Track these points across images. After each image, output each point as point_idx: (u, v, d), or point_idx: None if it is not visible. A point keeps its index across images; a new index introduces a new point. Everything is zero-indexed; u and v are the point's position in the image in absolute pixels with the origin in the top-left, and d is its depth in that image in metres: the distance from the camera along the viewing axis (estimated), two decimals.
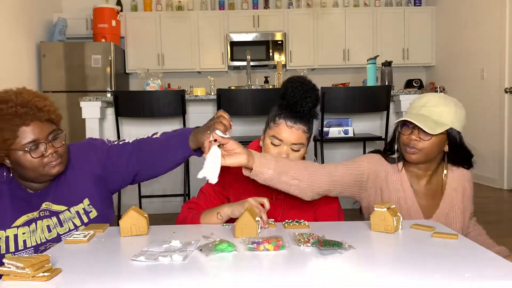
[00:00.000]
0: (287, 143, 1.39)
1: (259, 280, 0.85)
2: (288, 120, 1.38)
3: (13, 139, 1.22)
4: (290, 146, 1.39)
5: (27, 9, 4.99)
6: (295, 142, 1.39)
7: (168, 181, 3.60)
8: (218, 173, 1.20)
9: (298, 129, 1.38)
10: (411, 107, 1.48)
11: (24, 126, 1.22)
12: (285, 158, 1.36)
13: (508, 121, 4.45)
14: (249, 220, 1.14)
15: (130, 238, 1.16)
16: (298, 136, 1.39)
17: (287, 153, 1.39)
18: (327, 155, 3.48)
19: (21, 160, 1.24)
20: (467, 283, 0.81)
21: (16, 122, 1.21)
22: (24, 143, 1.23)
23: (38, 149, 1.25)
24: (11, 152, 1.23)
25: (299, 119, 1.38)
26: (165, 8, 6.08)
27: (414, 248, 1.04)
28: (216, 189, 1.48)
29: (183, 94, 3.12)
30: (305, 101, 1.37)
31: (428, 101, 1.41)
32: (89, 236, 1.14)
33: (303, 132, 1.39)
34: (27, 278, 0.83)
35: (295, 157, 1.40)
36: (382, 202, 1.21)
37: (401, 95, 3.46)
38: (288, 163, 1.32)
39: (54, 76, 5.15)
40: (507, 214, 3.50)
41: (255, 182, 1.45)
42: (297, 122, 1.38)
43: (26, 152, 1.23)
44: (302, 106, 1.37)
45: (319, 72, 6.17)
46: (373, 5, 6.18)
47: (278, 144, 1.39)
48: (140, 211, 1.20)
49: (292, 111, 1.38)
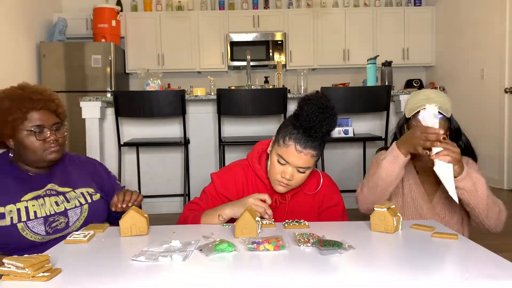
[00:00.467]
0: (293, 166, 1.34)
1: (259, 280, 0.85)
2: (298, 144, 1.31)
3: (22, 120, 1.36)
4: (296, 168, 1.35)
5: (27, 9, 4.99)
6: (302, 166, 1.34)
7: (168, 181, 3.60)
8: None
9: (307, 154, 1.32)
10: (412, 102, 1.54)
11: (34, 111, 1.37)
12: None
13: (508, 121, 4.44)
14: (249, 220, 1.14)
15: (130, 238, 1.16)
16: (306, 161, 1.33)
17: (292, 175, 1.35)
18: (327, 155, 3.48)
19: (24, 141, 1.37)
20: (467, 283, 0.81)
21: (28, 105, 1.36)
22: (31, 125, 1.37)
23: (42, 133, 1.38)
24: (17, 132, 1.36)
25: (310, 145, 1.31)
26: (165, 8, 6.08)
27: (414, 248, 1.04)
28: (219, 190, 1.47)
29: (183, 94, 3.12)
30: (321, 128, 1.29)
31: (428, 95, 1.52)
32: (89, 236, 1.14)
33: (311, 157, 1.33)
34: (27, 278, 0.83)
35: (299, 177, 1.37)
36: (382, 202, 1.21)
37: (401, 95, 3.46)
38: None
39: (54, 76, 5.15)
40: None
41: (259, 185, 1.45)
42: (307, 148, 1.31)
43: (31, 133, 1.36)
44: (317, 132, 1.29)
45: (319, 72, 6.17)
46: (373, 5, 6.18)
47: (284, 163, 1.35)
48: (140, 211, 1.21)
49: (305, 135, 1.31)
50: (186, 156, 3.34)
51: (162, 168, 3.60)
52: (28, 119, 1.36)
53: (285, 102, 3.15)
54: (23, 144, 1.37)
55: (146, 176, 3.54)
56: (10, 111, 1.35)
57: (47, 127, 1.39)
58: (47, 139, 1.38)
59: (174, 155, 3.60)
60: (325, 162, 3.33)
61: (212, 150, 3.61)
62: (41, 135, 1.38)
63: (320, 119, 1.27)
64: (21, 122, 1.36)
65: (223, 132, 3.43)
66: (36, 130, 1.37)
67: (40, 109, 1.38)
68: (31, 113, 1.37)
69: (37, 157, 1.38)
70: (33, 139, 1.37)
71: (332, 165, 3.53)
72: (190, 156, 3.55)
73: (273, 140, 1.43)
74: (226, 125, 3.55)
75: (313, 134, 1.29)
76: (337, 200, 1.51)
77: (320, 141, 1.33)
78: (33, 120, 1.37)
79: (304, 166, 1.34)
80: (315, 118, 1.27)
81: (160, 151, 3.59)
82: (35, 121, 1.37)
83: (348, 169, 3.62)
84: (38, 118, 1.38)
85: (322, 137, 1.32)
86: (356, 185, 1.59)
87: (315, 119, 1.27)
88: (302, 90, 4.00)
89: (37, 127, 1.37)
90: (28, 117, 1.36)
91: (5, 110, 1.35)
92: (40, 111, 1.38)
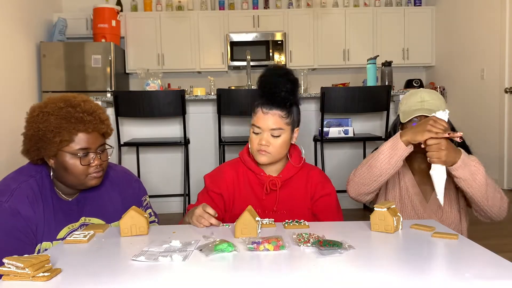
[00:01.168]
0: (265, 130, 1.42)
1: (259, 280, 0.85)
2: (263, 107, 1.42)
3: (69, 142, 1.26)
4: (269, 132, 1.42)
5: (27, 9, 4.99)
6: (273, 127, 1.41)
7: (168, 181, 3.60)
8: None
9: (274, 114, 1.41)
10: (407, 104, 1.54)
11: (84, 133, 1.27)
12: None
13: (508, 121, 4.44)
14: (249, 220, 1.14)
15: (130, 238, 1.16)
16: (275, 121, 1.41)
17: (267, 140, 1.42)
18: (327, 155, 3.48)
19: (67, 163, 1.27)
20: (467, 283, 0.81)
21: (79, 127, 1.26)
22: (77, 148, 1.26)
23: (87, 157, 1.29)
24: (60, 153, 1.26)
25: (275, 105, 1.41)
26: (165, 8, 6.08)
27: (414, 248, 1.04)
28: (210, 188, 1.51)
29: (183, 94, 3.12)
30: (279, 87, 1.39)
31: (424, 97, 1.51)
32: (89, 236, 1.14)
33: (280, 117, 1.41)
34: (27, 278, 0.83)
35: (276, 143, 1.42)
36: (382, 202, 1.21)
37: (401, 95, 3.46)
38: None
39: (54, 76, 5.15)
40: (507, 214, 3.49)
41: (250, 177, 1.49)
42: (272, 108, 1.41)
43: (77, 157, 1.27)
44: (276, 92, 1.39)
45: (319, 72, 6.17)
46: (373, 5, 6.18)
47: (258, 132, 1.43)
48: (140, 211, 1.20)
49: (268, 98, 1.42)
50: (186, 156, 3.35)
51: (162, 168, 3.60)
52: (75, 141, 1.26)
53: None
54: (65, 166, 1.27)
55: (146, 176, 3.54)
56: (58, 131, 1.24)
57: (92, 151, 1.29)
58: (91, 164, 1.28)
59: (174, 155, 3.60)
60: (325, 162, 3.33)
61: (212, 150, 3.61)
62: (85, 159, 1.28)
63: (276, 78, 1.40)
64: (67, 143, 1.25)
65: (223, 132, 3.43)
66: (81, 154, 1.26)
67: (90, 132, 1.27)
68: (80, 134, 1.26)
69: (78, 181, 1.29)
70: (77, 162, 1.26)
71: (332, 165, 3.53)
72: (190, 156, 3.55)
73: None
74: (226, 125, 3.55)
75: (275, 95, 1.40)
76: (329, 190, 1.53)
77: (284, 101, 1.41)
78: (80, 142, 1.26)
79: (275, 127, 1.41)
80: (271, 80, 1.41)
81: (160, 151, 3.59)
82: (82, 144, 1.26)
83: (348, 169, 3.61)
84: (85, 141, 1.27)
85: (285, 98, 1.40)
86: None
87: (271, 80, 1.41)
88: (302, 90, 4.00)
89: (83, 150, 1.27)
90: (75, 139, 1.26)
91: (51, 130, 1.24)
92: (89, 133, 1.27)
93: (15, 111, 4.61)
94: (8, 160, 4.23)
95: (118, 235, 1.17)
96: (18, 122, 5.39)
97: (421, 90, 1.55)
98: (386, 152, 1.40)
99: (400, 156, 1.38)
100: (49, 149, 1.26)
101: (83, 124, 1.26)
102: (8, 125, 4.43)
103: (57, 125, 1.24)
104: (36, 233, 1.28)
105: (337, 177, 3.54)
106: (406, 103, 1.54)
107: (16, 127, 4.98)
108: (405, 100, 1.56)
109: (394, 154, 1.38)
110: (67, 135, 1.24)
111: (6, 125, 4.40)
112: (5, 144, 4.33)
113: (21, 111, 5.49)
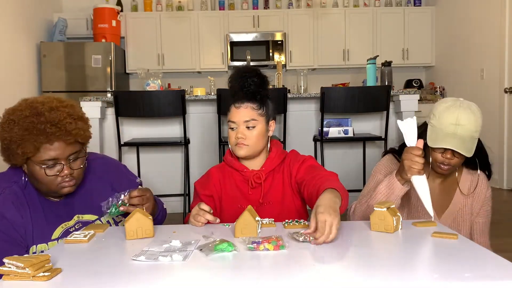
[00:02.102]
0: (240, 124, 1.45)
1: (259, 280, 0.85)
2: (235, 102, 1.47)
3: (34, 153, 1.21)
4: (244, 125, 1.45)
5: (27, 9, 4.99)
6: (247, 119, 1.45)
7: (168, 181, 3.60)
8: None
9: (246, 107, 1.46)
10: (441, 121, 1.39)
11: (48, 144, 1.21)
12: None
13: (508, 121, 4.45)
14: (249, 220, 1.14)
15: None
16: (247, 113, 1.45)
17: (243, 133, 1.45)
18: (327, 155, 3.48)
19: (35, 173, 1.24)
20: (467, 283, 0.81)
21: (41, 139, 1.20)
22: (43, 159, 1.21)
23: (54, 167, 1.24)
24: (29, 162, 1.23)
25: (245, 99, 1.46)
26: (165, 8, 6.08)
27: (414, 248, 1.04)
28: (200, 192, 1.55)
29: (183, 94, 3.12)
30: (247, 82, 1.44)
31: (460, 119, 1.36)
32: (89, 236, 1.14)
33: (252, 109, 1.46)
34: (27, 278, 0.84)
35: (252, 135, 1.45)
36: (382, 202, 1.21)
37: (401, 95, 3.46)
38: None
39: (54, 76, 5.15)
40: (507, 214, 3.49)
41: (234, 175, 1.52)
42: (244, 102, 1.46)
43: (41, 167, 1.22)
44: (245, 86, 1.44)
45: (319, 72, 6.17)
46: (373, 5, 6.17)
47: (234, 127, 1.47)
48: (145, 213, 1.18)
49: (238, 94, 1.47)
50: (186, 156, 3.35)
51: (162, 168, 3.60)
52: (40, 151, 1.20)
53: (285, 102, 3.15)
54: (34, 175, 1.24)
55: (146, 176, 3.54)
56: (21, 142, 1.19)
57: (61, 161, 1.24)
58: (60, 174, 1.24)
59: (174, 155, 3.60)
60: (325, 162, 3.33)
61: (212, 150, 3.61)
62: (52, 170, 1.23)
63: (241, 75, 1.46)
64: (32, 155, 1.21)
65: (223, 132, 3.43)
66: (48, 164, 1.22)
67: (53, 143, 1.21)
68: (44, 145, 1.20)
69: (49, 190, 1.27)
70: (43, 173, 1.22)
71: (332, 165, 3.53)
72: (190, 156, 3.55)
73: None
74: (226, 125, 3.55)
75: (243, 89, 1.45)
76: (302, 158, 1.52)
77: (255, 94, 1.45)
78: (46, 153, 1.21)
79: (248, 118, 1.45)
80: (237, 77, 1.47)
81: (160, 151, 3.59)
82: (47, 154, 1.21)
83: (348, 169, 3.62)
84: (51, 151, 1.21)
85: (254, 92, 1.45)
86: (356, 185, 1.59)
87: (237, 78, 1.47)
88: (302, 90, 4.00)
89: (50, 161, 1.22)
90: (41, 150, 1.20)
91: (14, 141, 1.20)
92: (53, 144, 1.21)
93: None
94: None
95: (118, 235, 1.17)
96: None
97: (460, 106, 1.38)
98: (384, 191, 1.38)
99: (397, 196, 1.37)
100: (16, 159, 1.23)
101: (45, 136, 1.20)
102: None
103: (20, 136, 1.19)
104: (25, 236, 1.27)
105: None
106: (440, 119, 1.40)
107: None
108: (440, 112, 1.41)
109: (391, 193, 1.37)
110: (30, 146, 1.19)
111: None
112: None
113: None
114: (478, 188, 1.53)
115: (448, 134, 1.37)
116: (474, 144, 1.39)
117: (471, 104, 1.41)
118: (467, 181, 1.54)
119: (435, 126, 1.41)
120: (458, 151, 1.35)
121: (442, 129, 1.39)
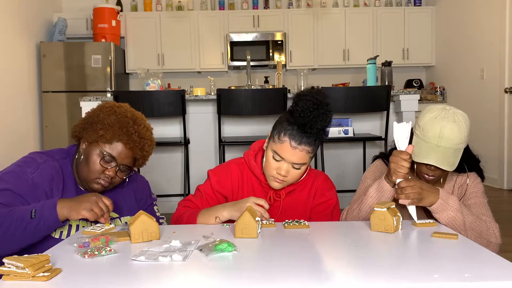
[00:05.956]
0: (288, 162, 1.33)
1: (259, 280, 0.85)
2: (293, 140, 1.29)
3: (107, 141, 1.34)
4: (291, 164, 1.34)
5: (27, 9, 4.99)
6: (297, 162, 1.33)
7: (168, 181, 3.60)
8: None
9: (302, 150, 1.30)
10: (424, 132, 1.36)
11: (122, 145, 1.36)
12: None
13: (508, 121, 4.44)
14: (249, 220, 1.14)
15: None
16: (301, 157, 1.32)
17: (287, 171, 1.34)
18: (327, 155, 3.48)
19: (91, 155, 1.35)
20: (467, 283, 0.81)
21: (123, 138, 1.35)
22: (108, 151, 1.35)
23: (109, 163, 1.35)
24: (95, 144, 1.35)
25: (305, 141, 1.29)
26: (165, 8, 6.08)
27: (414, 248, 1.04)
28: (215, 188, 1.47)
29: (183, 94, 3.12)
30: (316, 125, 1.27)
31: (444, 132, 1.33)
32: (103, 230, 1.19)
33: (307, 153, 1.32)
34: (27, 278, 0.83)
35: (295, 173, 1.36)
36: (381, 202, 1.21)
37: (401, 95, 3.46)
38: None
39: (54, 76, 5.15)
40: (507, 214, 3.49)
41: (254, 183, 1.45)
42: (302, 144, 1.29)
43: (101, 155, 1.34)
44: (311, 128, 1.27)
45: (319, 72, 6.17)
46: (373, 5, 6.17)
47: (279, 159, 1.34)
48: (149, 215, 1.14)
49: (300, 131, 1.29)
50: (186, 156, 3.35)
51: (162, 168, 3.60)
52: (111, 144, 1.35)
53: (285, 102, 3.15)
54: (88, 156, 1.35)
55: (146, 176, 3.52)
56: (107, 128, 1.34)
57: (116, 162, 1.36)
58: (106, 170, 1.35)
59: (174, 155, 3.60)
60: (325, 162, 3.33)
61: (212, 150, 3.61)
62: (105, 163, 1.34)
63: (315, 115, 1.26)
64: (104, 141, 1.34)
65: (223, 132, 3.43)
66: (106, 158, 1.34)
67: (126, 148, 1.36)
68: (119, 143, 1.35)
69: (87, 177, 1.36)
70: (97, 159, 1.34)
71: (332, 165, 3.53)
72: (190, 156, 3.55)
73: (269, 136, 1.41)
74: (226, 125, 3.55)
75: (308, 130, 1.28)
76: (328, 197, 1.48)
77: (315, 137, 1.31)
78: (113, 149, 1.35)
79: (299, 162, 1.33)
80: (309, 114, 1.26)
81: (160, 151, 3.59)
82: (113, 151, 1.35)
83: (348, 169, 3.62)
84: (118, 152, 1.35)
85: (317, 134, 1.30)
86: (356, 185, 1.58)
87: (309, 115, 1.26)
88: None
89: (109, 156, 1.34)
90: (113, 144, 1.35)
91: (103, 122, 1.35)
92: (125, 149, 1.36)
93: (15, 111, 4.61)
94: (8, 161, 4.22)
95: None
96: (17, 122, 5.42)
97: (445, 117, 1.34)
98: (374, 194, 1.37)
99: (387, 198, 1.36)
100: (90, 135, 1.35)
101: (127, 138, 1.35)
102: (7, 125, 4.43)
103: (111, 123, 1.35)
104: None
105: (337, 177, 3.55)
106: (424, 130, 1.37)
107: (15, 127, 4.97)
108: (425, 123, 1.37)
109: (381, 196, 1.36)
110: (110, 135, 1.34)
111: (5, 125, 4.40)
112: (4, 144, 4.33)
113: (21, 111, 5.52)
114: (465, 186, 1.51)
115: (431, 148, 1.34)
116: (457, 157, 1.36)
117: (457, 114, 1.36)
118: (452, 181, 1.52)
119: (419, 137, 1.38)
120: (440, 167, 1.33)
121: (426, 141, 1.35)
